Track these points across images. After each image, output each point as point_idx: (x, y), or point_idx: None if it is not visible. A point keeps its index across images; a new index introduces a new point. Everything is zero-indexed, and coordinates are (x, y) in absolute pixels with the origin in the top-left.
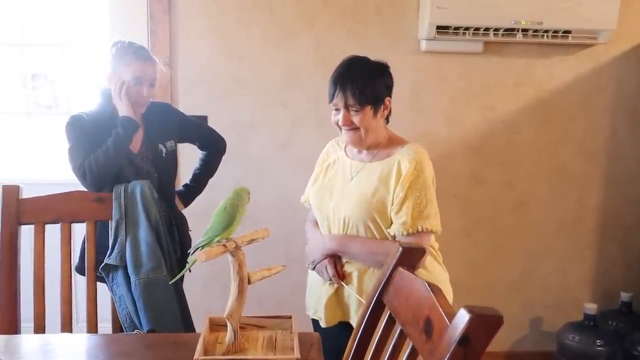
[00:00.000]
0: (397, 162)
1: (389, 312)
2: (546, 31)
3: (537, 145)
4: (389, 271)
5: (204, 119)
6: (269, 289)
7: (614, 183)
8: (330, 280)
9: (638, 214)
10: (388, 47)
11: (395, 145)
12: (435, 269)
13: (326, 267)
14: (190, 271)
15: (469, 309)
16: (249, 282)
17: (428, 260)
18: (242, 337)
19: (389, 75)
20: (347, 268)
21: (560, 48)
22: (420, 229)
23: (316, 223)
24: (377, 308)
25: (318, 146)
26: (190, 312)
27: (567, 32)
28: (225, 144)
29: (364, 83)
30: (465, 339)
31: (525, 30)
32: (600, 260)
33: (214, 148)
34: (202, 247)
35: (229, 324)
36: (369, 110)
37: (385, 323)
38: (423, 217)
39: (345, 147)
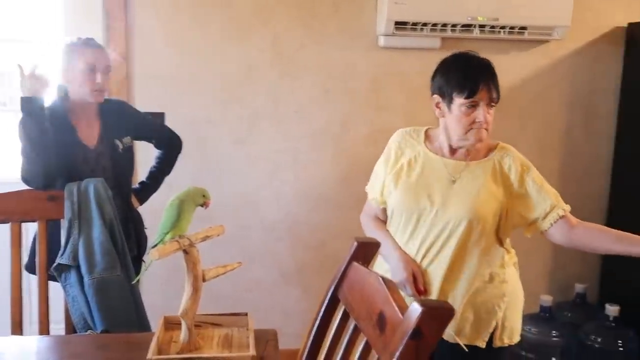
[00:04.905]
0: (498, 163)
1: (343, 307)
2: (502, 27)
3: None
4: (344, 266)
5: (161, 115)
6: (226, 287)
7: (569, 178)
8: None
9: (594, 208)
10: (346, 43)
11: (487, 143)
12: (512, 275)
13: (405, 286)
14: (146, 269)
15: (421, 303)
16: (204, 280)
17: (506, 261)
18: (197, 336)
19: None
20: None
21: (516, 44)
22: (565, 209)
23: (379, 220)
24: (332, 304)
25: (275, 143)
26: (148, 311)
27: (523, 28)
28: (181, 143)
29: (496, 78)
30: (417, 332)
31: (482, 26)
32: (557, 254)
33: (170, 146)
34: (156, 245)
35: (183, 323)
36: None
37: (340, 319)
38: (560, 198)
39: (425, 141)
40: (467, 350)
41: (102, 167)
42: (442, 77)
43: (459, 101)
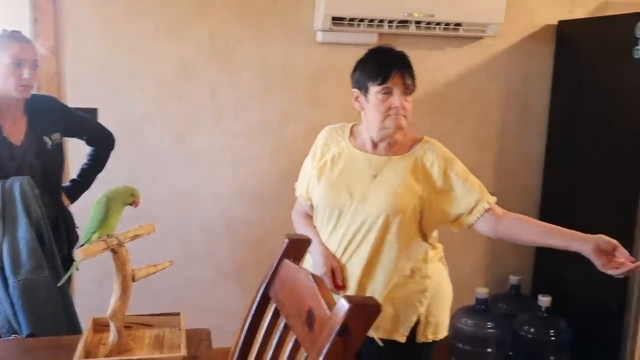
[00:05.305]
0: (420, 158)
1: (274, 305)
2: (438, 24)
3: (432, 135)
4: (275, 263)
5: (93, 111)
6: (164, 286)
7: (504, 172)
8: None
9: (527, 201)
10: (284, 38)
11: (411, 138)
12: (436, 270)
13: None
14: (78, 269)
15: (348, 299)
16: (134, 280)
17: (430, 257)
18: (128, 337)
19: None
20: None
21: (452, 40)
22: (490, 201)
23: (308, 216)
24: (264, 302)
25: (214, 139)
26: (83, 312)
27: (458, 25)
28: (114, 140)
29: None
30: (344, 329)
31: (418, 23)
32: (493, 247)
33: (101, 143)
34: (83, 244)
35: (111, 324)
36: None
37: (271, 317)
38: (485, 190)
39: (350, 137)
40: (382, 344)
41: (29, 164)
42: (358, 71)
43: (374, 89)
